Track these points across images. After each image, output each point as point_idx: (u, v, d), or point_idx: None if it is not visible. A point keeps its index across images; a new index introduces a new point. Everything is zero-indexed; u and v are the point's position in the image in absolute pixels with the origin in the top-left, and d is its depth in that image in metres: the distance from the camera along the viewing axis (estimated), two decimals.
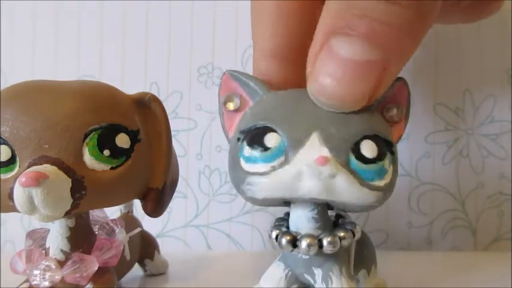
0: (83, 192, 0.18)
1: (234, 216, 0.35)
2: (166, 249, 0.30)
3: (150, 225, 0.28)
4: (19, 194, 0.17)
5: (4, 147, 0.18)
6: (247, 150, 0.18)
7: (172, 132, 0.22)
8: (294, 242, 0.19)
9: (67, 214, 0.18)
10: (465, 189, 0.35)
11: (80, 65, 0.35)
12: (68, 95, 0.19)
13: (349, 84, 0.17)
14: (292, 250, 0.19)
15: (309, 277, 0.20)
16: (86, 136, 0.19)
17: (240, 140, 0.19)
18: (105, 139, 0.19)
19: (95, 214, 0.23)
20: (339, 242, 0.19)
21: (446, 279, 0.27)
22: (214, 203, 0.35)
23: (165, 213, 0.22)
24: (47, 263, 0.20)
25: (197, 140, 0.35)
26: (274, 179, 0.18)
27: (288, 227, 0.20)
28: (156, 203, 0.21)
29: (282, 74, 0.21)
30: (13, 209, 0.18)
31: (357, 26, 0.17)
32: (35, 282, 0.20)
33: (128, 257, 0.23)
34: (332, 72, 0.17)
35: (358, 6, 0.17)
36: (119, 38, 0.35)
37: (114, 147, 0.19)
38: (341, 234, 0.19)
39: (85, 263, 0.20)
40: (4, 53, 0.35)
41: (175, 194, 0.23)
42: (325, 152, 0.17)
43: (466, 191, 0.35)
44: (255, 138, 0.19)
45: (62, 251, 0.20)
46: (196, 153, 0.35)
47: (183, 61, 0.35)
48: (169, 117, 0.22)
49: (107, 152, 0.19)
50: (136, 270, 0.27)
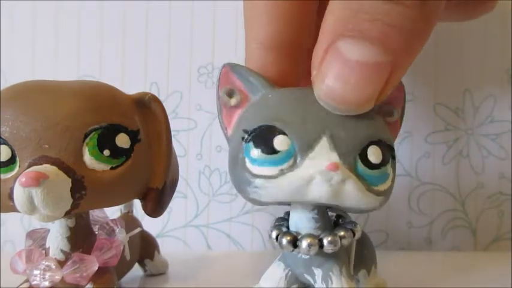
0: (83, 192, 0.18)
1: (234, 216, 0.35)
2: (166, 249, 0.30)
3: (150, 225, 0.28)
4: (19, 194, 0.17)
5: (4, 147, 0.18)
6: (255, 152, 0.18)
7: (172, 132, 0.22)
8: (294, 242, 0.19)
9: (67, 214, 0.18)
10: (465, 189, 0.35)
11: (80, 65, 0.35)
12: (68, 95, 0.19)
13: (357, 87, 0.17)
14: (292, 250, 0.19)
15: (309, 277, 0.20)
16: (86, 136, 0.19)
17: (244, 139, 0.18)
18: (105, 139, 0.19)
19: (95, 214, 0.23)
20: (339, 241, 0.19)
21: (446, 279, 0.27)
22: (214, 203, 0.35)
23: (165, 213, 0.22)
24: (47, 263, 0.20)
25: (197, 140, 0.35)
26: (283, 184, 0.17)
27: (288, 227, 0.20)
28: (156, 203, 0.21)
29: (278, 66, 0.21)
30: (13, 209, 0.18)
31: (364, 27, 0.16)
32: (35, 282, 0.20)
33: (128, 257, 0.23)
34: (340, 75, 0.17)
35: (363, 7, 0.16)
36: (119, 38, 0.35)
37: (114, 147, 0.19)
38: (341, 233, 0.19)
39: (85, 263, 0.20)
40: (4, 53, 0.35)
41: (175, 194, 0.23)
42: (335, 157, 0.17)
43: (466, 191, 0.35)
44: (263, 140, 0.18)
45: (62, 251, 0.20)
46: (196, 153, 0.35)
47: (183, 61, 0.35)
48: (169, 117, 0.22)
49: (107, 152, 0.19)
50: (136, 270, 0.27)
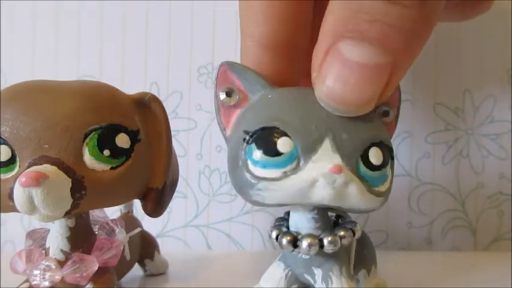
0: (83, 192, 0.18)
1: (234, 216, 0.35)
2: (166, 249, 0.30)
3: (150, 225, 0.28)
4: (19, 194, 0.17)
5: (4, 147, 0.18)
6: (257, 154, 0.18)
7: (172, 132, 0.22)
8: (294, 242, 0.19)
9: (67, 214, 0.18)
10: (465, 189, 0.35)
11: (80, 65, 0.35)
12: (68, 95, 0.19)
13: (357, 88, 0.17)
14: (292, 250, 0.19)
15: (309, 277, 0.20)
16: (86, 136, 0.19)
17: (246, 140, 0.18)
18: (105, 139, 0.19)
19: (95, 214, 0.23)
20: (339, 241, 0.19)
21: (446, 279, 0.27)
22: (214, 203, 0.35)
23: (165, 213, 0.22)
24: (47, 263, 0.20)
25: (197, 140, 0.35)
26: (286, 186, 0.17)
27: (288, 227, 0.20)
28: (156, 203, 0.21)
29: (273, 65, 0.21)
30: (13, 209, 0.18)
31: (365, 29, 0.16)
32: (35, 282, 0.20)
33: (128, 257, 0.23)
34: (340, 76, 0.17)
35: (363, 7, 0.16)
36: (119, 38, 0.35)
37: (114, 147, 0.19)
38: (341, 233, 0.19)
39: (85, 263, 0.20)
40: (4, 53, 0.35)
41: (175, 194, 0.23)
42: (338, 159, 0.17)
43: (466, 191, 0.35)
44: (265, 141, 0.18)
45: (62, 251, 0.20)
46: (196, 153, 0.35)
47: (183, 61, 0.35)
48: (169, 117, 0.22)
49: (107, 152, 0.19)
50: (136, 270, 0.27)
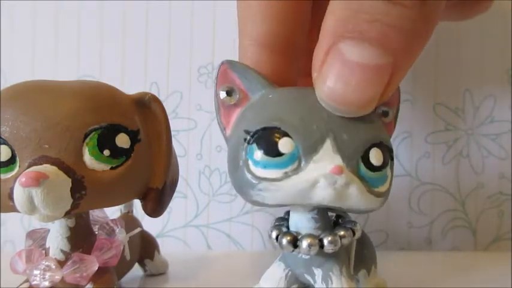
0: (83, 192, 0.18)
1: (234, 216, 0.35)
2: (166, 249, 0.30)
3: (150, 225, 0.28)
4: (19, 194, 0.17)
5: (4, 147, 0.18)
6: (258, 154, 0.18)
7: (172, 132, 0.22)
8: (294, 242, 0.19)
9: (67, 214, 0.18)
10: (465, 189, 0.35)
11: (80, 65, 0.35)
12: (68, 95, 0.19)
13: (358, 88, 0.17)
14: (292, 250, 0.19)
15: (309, 277, 0.20)
16: (86, 136, 0.19)
17: (247, 140, 0.18)
18: (105, 139, 0.19)
19: (95, 214, 0.23)
20: (339, 241, 0.19)
21: (446, 279, 0.27)
22: (214, 203, 0.35)
23: (165, 213, 0.22)
24: (47, 263, 0.20)
25: (197, 140, 0.35)
26: (287, 187, 0.17)
27: (288, 227, 0.20)
28: (156, 203, 0.21)
29: (271, 64, 0.21)
30: (13, 209, 0.18)
31: (365, 29, 0.16)
32: (35, 282, 0.20)
33: (128, 257, 0.23)
34: (341, 76, 0.17)
35: (363, 7, 0.16)
36: (119, 38, 0.35)
37: (114, 147, 0.19)
38: (341, 233, 0.19)
39: (85, 263, 0.20)
40: (4, 53, 0.35)
41: (175, 194, 0.23)
42: (339, 160, 0.17)
43: (466, 191, 0.35)
44: (267, 141, 0.18)
45: (62, 251, 0.20)
46: (196, 153, 0.35)
47: (183, 61, 0.35)
48: (169, 117, 0.22)
49: (107, 152, 0.19)
50: (136, 270, 0.27)
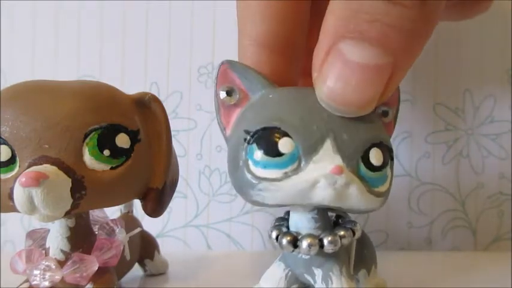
0: (83, 192, 0.18)
1: (234, 216, 0.35)
2: (166, 249, 0.30)
3: (150, 225, 0.28)
4: (19, 194, 0.17)
5: (4, 147, 0.18)
6: (258, 154, 0.18)
7: (172, 132, 0.22)
8: (294, 242, 0.19)
9: (67, 214, 0.18)
10: (465, 189, 0.35)
11: (80, 65, 0.35)
12: (68, 95, 0.19)
13: (357, 88, 0.17)
14: (292, 250, 0.19)
15: (309, 277, 0.20)
16: (86, 136, 0.19)
17: (247, 140, 0.18)
18: (105, 139, 0.19)
19: (95, 214, 0.23)
20: (339, 241, 0.19)
21: (446, 279, 0.27)
22: (214, 203, 0.35)
23: (165, 213, 0.22)
24: (47, 263, 0.20)
25: (197, 140, 0.35)
26: (287, 187, 0.17)
27: (288, 227, 0.20)
28: (156, 203, 0.21)
29: (271, 64, 0.20)
30: (13, 209, 0.18)
31: (365, 29, 0.16)
32: (35, 282, 0.20)
33: (128, 257, 0.23)
34: (341, 76, 0.17)
35: (363, 7, 0.16)
36: (119, 38, 0.35)
37: (114, 147, 0.19)
38: (341, 233, 0.19)
39: (85, 263, 0.20)
40: (4, 53, 0.35)
41: (175, 194, 0.23)
42: (339, 160, 0.17)
43: (466, 191, 0.35)
44: (267, 141, 0.18)
45: (62, 251, 0.20)
46: (196, 153, 0.35)
47: (183, 61, 0.35)
48: (169, 117, 0.22)
49: (107, 152, 0.19)
50: (136, 270, 0.27)
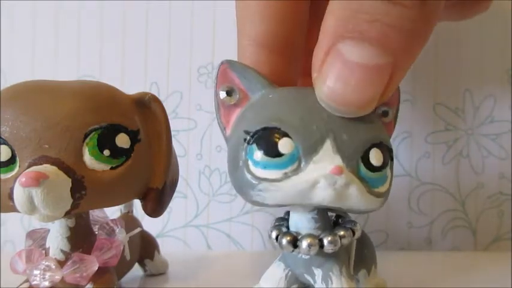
0: (83, 192, 0.18)
1: (234, 216, 0.35)
2: (166, 249, 0.30)
3: (150, 225, 0.28)
4: (19, 194, 0.17)
5: (4, 147, 0.18)
6: (258, 154, 0.18)
7: (172, 132, 0.22)
8: (294, 242, 0.19)
9: (67, 214, 0.18)
10: (465, 189, 0.35)
11: (80, 65, 0.35)
12: (68, 95, 0.19)
13: (357, 89, 0.17)
14: (292, 250, 0.19)
15: (309, 277, 0.20)
16: (86, 136, 0.19)
17: (247, 141, 0.18)
18: (105, 139, 0.19)
19: (95, 214, 0.23)
20: (339, 241, 0.19)
21: (446, 279, 0.27)
22: (214, 203, 0.35)
23: (165, 213, 0.22)
24: (47, 263, 0.20)
25: (197, 140, 0.35)
26: (287, 187, 0.17)
27: (288, 227, 0.20)
28: (156, 203, 0.21)
29: (270, 64, 0.20)
30: (13, 209, 0.18)
31: (365, 29, 0.16)
32: (35, 282, 0.20)
33: (128, 257, 0.23)
34: (341, 77, 0.17)
35: (363, 7, 0.16)
36: (119, 38, 0.35)
37: (114, 147, 0.19)
38: (341, 233, 0.19)
39: (85, 263, 0.20)
40: (4, 53, 0.35)
41: (175, 194, 0.23)
42: (338, 160, 0.17)
43: (466, 191, 0.35)
44: (266, 142, 0.18)
45: (62, 251, 0.20)
46: (196, 153, 0.35)
47: (183, 61, 0.35)
48: (169, 117, 0.22)
49: (107, 152, 0.19)
50: (136, 270, 0.27)
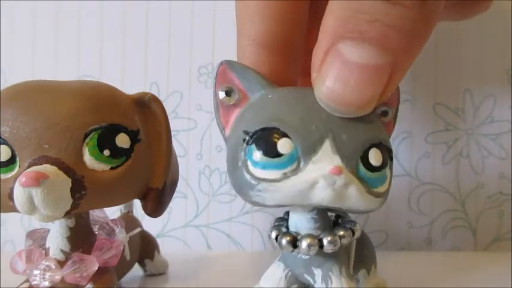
0: (83, 192, 0.18)
1: (234, 216, 0.35)
2: (166, 249, 0.30)
3: (150, 225, 0.28)
4: (19, 194, 0.17)
5: (4, 147, 0.18)
6: (257, 155, 0.18)
7: (172, 132, 0.22)
8: (294, 242, 0.19)
9: (67, 214, 0.18)
10: (465, 189, 0.35)
11: (80, 65, 0.35)
12: (68, 95, 0.19)
13: (357, 89, 0.17)
14: (292, 250, 0.19)
15: (308, 277, 0.20)
16: (86, 136, 0.19)
17: (246, 141, 0.18)
18: (105, 139, 0.19)
19: (95, 214, 0.23)
20: (339, 241, 0.19)
21: (446, 279, 0.27)
22: (214, 203, 0.35)
23: (165, 213, 0.22)
24: (47, 263, 0.20)
25: (197, 140, 0.35)
26: (287, 188, 0.17)
27: (287, 227, 0.20)
28: (156, 203, 0.21)
29: (270, 64, 0.20)
30: (13, 209, 0.18)
31: (365, 29, 0.16)
32: (35, 282, 0.20)
33: (128, 257, 0.23)
34: (340, 76, 0.17)
35: (363, 7, 0.16)
36: (119, 38, 0.35)
37: (114, 147, 0.19)
38: (341, 233, 0.19)
39: (85, 263, 0.20)
40: (4, 53, 0.35)
41: (175, 194, 0.23)
42: (338, 160, 0.17)
43: (466, 191, 0.35)
44: (266, 142, 0.18)
45: (62, 251, 0.20)
46: (196, 153, 0.35)
47: (183, 61, 0.35)
48: (169, 117, 0.22)
49: (107, 152, 0.19)
50: (136, 270, 0.27)
